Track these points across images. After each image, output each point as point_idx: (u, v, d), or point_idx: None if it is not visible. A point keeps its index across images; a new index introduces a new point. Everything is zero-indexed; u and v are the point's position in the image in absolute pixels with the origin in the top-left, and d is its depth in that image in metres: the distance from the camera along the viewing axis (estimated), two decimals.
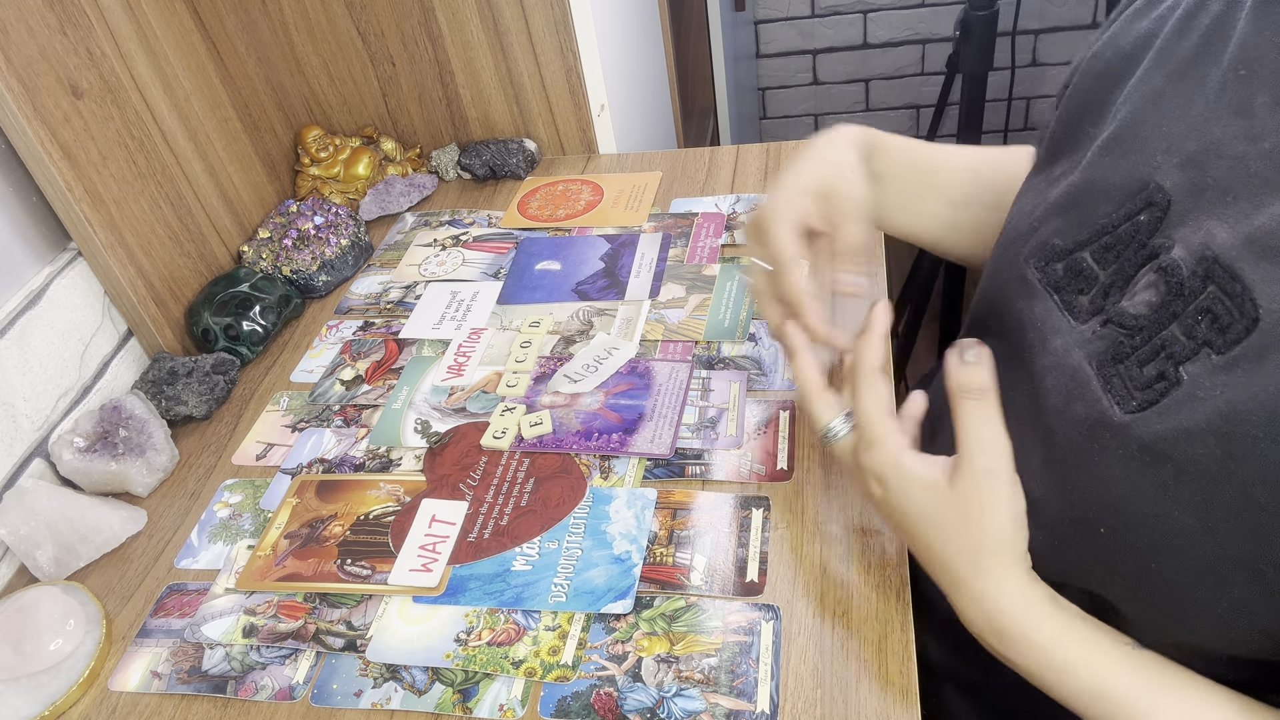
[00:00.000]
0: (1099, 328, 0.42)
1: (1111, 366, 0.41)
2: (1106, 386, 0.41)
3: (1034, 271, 0.48)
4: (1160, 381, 0.38)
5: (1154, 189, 0.42)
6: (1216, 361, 0.36)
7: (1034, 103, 2.23)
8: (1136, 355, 0.40)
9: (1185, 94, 0.42)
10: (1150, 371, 0.39)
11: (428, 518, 0.60)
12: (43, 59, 0.65)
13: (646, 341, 0.71)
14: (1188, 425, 0.37)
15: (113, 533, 0.62)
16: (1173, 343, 0.38)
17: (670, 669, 0.49)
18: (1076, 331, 0.44)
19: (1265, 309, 0.35)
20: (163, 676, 0.54)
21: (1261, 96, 0.38)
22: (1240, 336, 0.36)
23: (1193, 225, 0.39)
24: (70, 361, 0.70)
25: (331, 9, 0.90)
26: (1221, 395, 0.36)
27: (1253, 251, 0.36)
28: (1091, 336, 0.43)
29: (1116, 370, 0.40)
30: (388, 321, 0.78)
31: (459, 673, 0.51)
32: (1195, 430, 0.36)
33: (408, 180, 0.94)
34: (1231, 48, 0.40)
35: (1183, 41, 0.43)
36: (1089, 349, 0.42)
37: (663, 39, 1.28)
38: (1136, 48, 0.47)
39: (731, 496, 0.58)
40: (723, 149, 0.93)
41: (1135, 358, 0.40)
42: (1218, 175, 0.39)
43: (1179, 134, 0.41)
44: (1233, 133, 0.38)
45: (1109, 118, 0.47)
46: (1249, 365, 0.35)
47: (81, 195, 0.68)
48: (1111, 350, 0.41)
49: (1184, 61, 0.43)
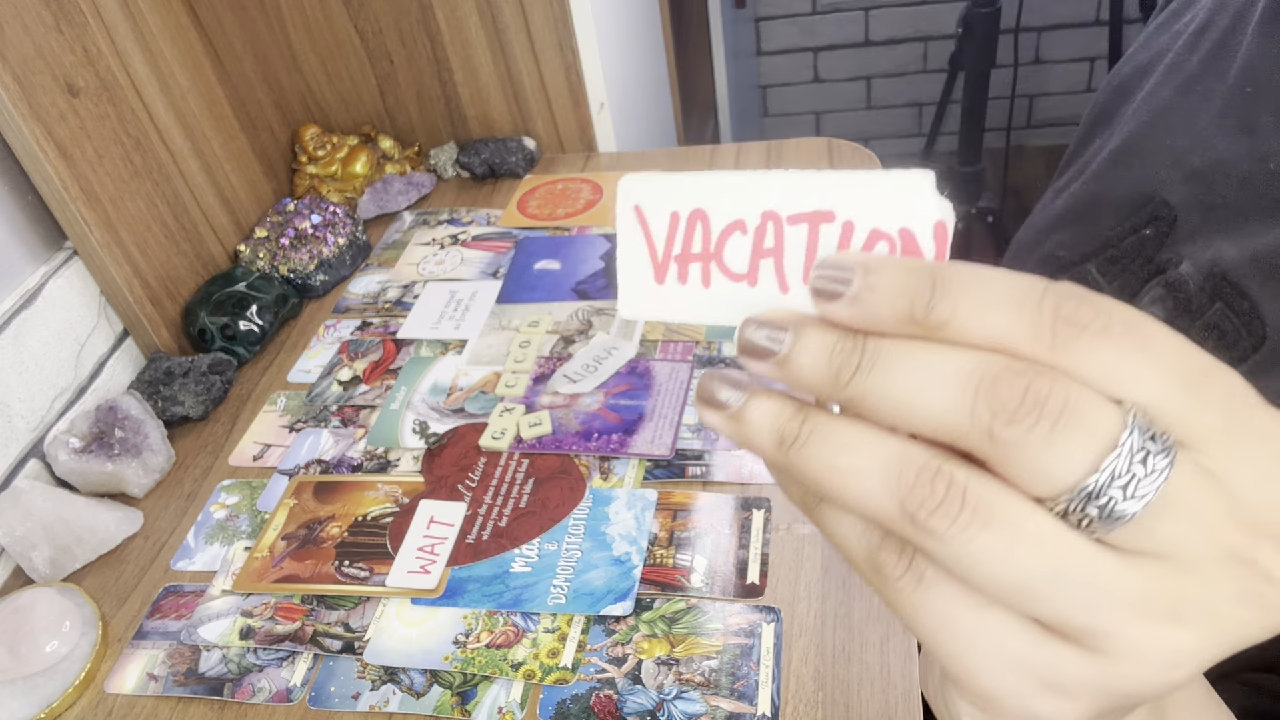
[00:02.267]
0: None
1: None
2: None
3: None
4: None
5: (1159, 203, 0.42)
6: None
7: (1037, 100, 2.22)
8: None
9: (1191, 109, 0.42)
10: None
11: (426, 519, 0.59)
12: (38, 57, 0.65)
13: (646, 341, 0.70)
14: None
15: (109, 534, 0.62)
16: None
17: (670, 671, 0.49)
18: None
19: (1272, 326, 0.35)
20: (159, 679, 0.53)
21: (1266, 115, 0.38)
22: (1247, 354, 0.35)
23: (1201, 242, 0.39)
24: (66, 361, 0.69)
25: (329, 6, 0.90)
26: None
27: (1260, 270, 0.36)
28: None
29: None
30: (385, 321, 0.78)
31: (457, 675, 0.51)
32: None
33: (406, 179, 0.93)
34: (1237, 64, 0.40)
35: (1191, 56, 0.43)
36: None
37: (663, 36, 1.28)
38: (1151, 61, 0.47)
39: (732, 498, 0.58)
40: (723, 147, 0.93)
41: None
42: (1226, 194, 0.39)
43: (1184, 148, 0.41)
44: (1239, 151, 0.38)
45: (1118, 130, 0.47)
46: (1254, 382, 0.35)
47: (77, 194, 0.67)
48: None
49: (1191, 76, 0.43)
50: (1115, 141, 0.46)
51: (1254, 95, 0.38)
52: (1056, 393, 0.18)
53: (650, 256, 0.23)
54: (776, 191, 0.22)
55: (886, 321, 0.20)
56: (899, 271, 0.20)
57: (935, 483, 0.19)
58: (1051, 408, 0.18)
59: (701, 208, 0.22)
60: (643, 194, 0.23)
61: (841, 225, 0.21)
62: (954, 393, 0.19)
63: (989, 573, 0.19)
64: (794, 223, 0.22)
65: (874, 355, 0.20)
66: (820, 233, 0.21)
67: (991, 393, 0.19)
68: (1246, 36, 0.40)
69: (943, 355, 0.19)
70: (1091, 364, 0.19)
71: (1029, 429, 0.18)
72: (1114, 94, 0.49)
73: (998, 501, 0.19)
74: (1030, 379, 0.19)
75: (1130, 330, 0.19)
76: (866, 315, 0.20)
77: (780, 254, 0.22)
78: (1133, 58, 0.49)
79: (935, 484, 0.19)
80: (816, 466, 0.21)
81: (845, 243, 0.21)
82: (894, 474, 0.20)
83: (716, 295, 0.23)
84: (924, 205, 0.20)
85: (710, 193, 0.22)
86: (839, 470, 0.20)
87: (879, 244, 0.21)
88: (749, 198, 0.22)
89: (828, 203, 0.21)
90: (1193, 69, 0.43)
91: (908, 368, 0.20)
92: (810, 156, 0.88)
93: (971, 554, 0.19)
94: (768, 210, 0.22)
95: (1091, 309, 0.19)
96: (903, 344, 0.20)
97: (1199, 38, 0.43)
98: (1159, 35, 0.48)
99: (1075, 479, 0.19)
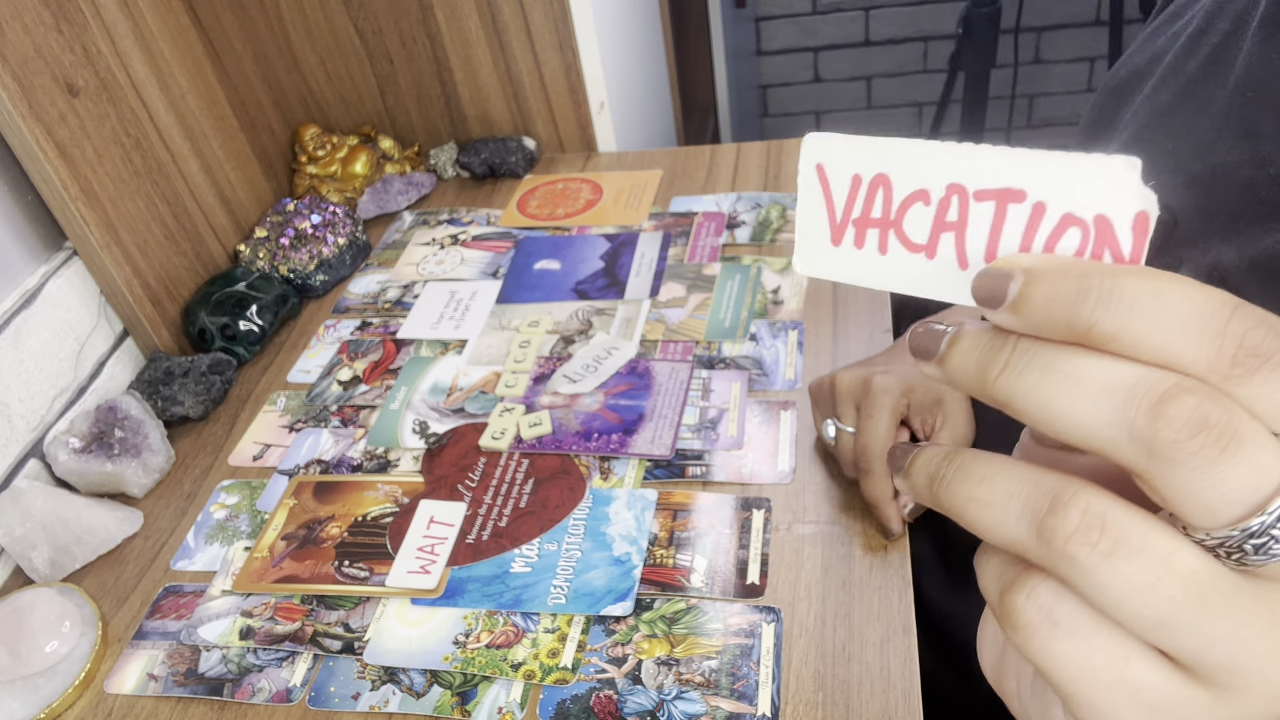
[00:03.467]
0: None
1: None
2: None
3: None
4: None
5: (1160, 207, 0.42)
6: None
7: (1037, 100, 2.22)
8: None
9: (1191, 113, 0.42)
10: None
11: (426, 519, 0.59)
12: (38, 56, 0.65)
13: (646, 341, 0.70)
14: None
15: (108, 534, 0.62)
16: None
17: (670, 671, 0.49)
18: None
19: None
20: (159, 679, 0.53)
21: (1267, 121, 0.38)
22: None
23: (1200, 246, 0.39)
24: (66, 361, 0.69)
25: (329, 6, 0.90)
26: None
27: (1258, 275, 0.36)
28: None
29: None
30: (385, 321, 0.78)
31: (457, 675, 0.51)
32: None
33: (406, 179, 0.93)
34: (1238, 69, 0.40)
35: (1190, 60, 0.43)
36: None
37: (663, 36, 1.28)
38: (1149, 64, 0.47)
39: (732, 498, 0.58)
40: (723, 147, 0.93)
41: None
42: (1226, 198, 0.39)
43: (1185, 153, 0.41)
44: (1239, 156, 0.38)
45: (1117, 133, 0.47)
46: None
47: (77, 194, 0.67)
48: None
49: (1191, 80, 0.43)
50: (1114, 144, 0.46)
51: (1254, 100, 0.39)
52: (1230, 420, 0.18)
53: (829, 217, 0.23)
54: (967, 163, 0.21)
55: (1048, 330, 0.19)
56: (1063, 278, 0.19)
57: (1069, 508, 0.19)
58: (1222, 434, 0.18)
59: (885, 173, 0.22)
60: (827, 153, 0.22)
61: (1032, 206, 0.20)
62: (1112, 404, 0.18)
63: (1132, 605, 0.19)
64: (981, 199, 0.21)
65: (1024, 356, 0.19)
66: (1008, 211, 0.20)
67: (1157, 408, 0.18)
68: (1246, 41, 0.40)
69: (1104, 365, 0.19)
70: (1270, 399, 0.18)
71: (1194, 452, 0.18)
72: (1111, 96, 0.49)
73: (1139, 531, 0.18)
74: (1202, 399, 0.18)
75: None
76: (1026, 324, 0.19)
77: (963, 229, 0.21)
78: (1130, 60, 0.49)
79: (1069, 509, 0.19)
80: (958, 502, 0.21)
81: (1034, 225, 0.20)
82: (1030, 501, 0.19)
83: (892, 263, 0.22)
84: (1126, 193, 0.19)
85: (896, 158, 0.22)
86: (977, 501, 0.20)
87: (1070, 230, 0.20)
88: (936, 167, 0.21)
89: (1020, 181, 0.20)
90: (1192, 73, 0.43)
91: (1062, 372, 0.19)
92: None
93: (1115, 584, 0.19)
94: (954, 183, 0.21)
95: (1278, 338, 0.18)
96: (1060, 348, 0.19)
97: (1197, 41, 0.43)
98: (1156, 38, 0.48)
99: (1238, 514, 0.18)
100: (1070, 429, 0.19)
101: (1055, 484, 0.19)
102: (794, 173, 0.85)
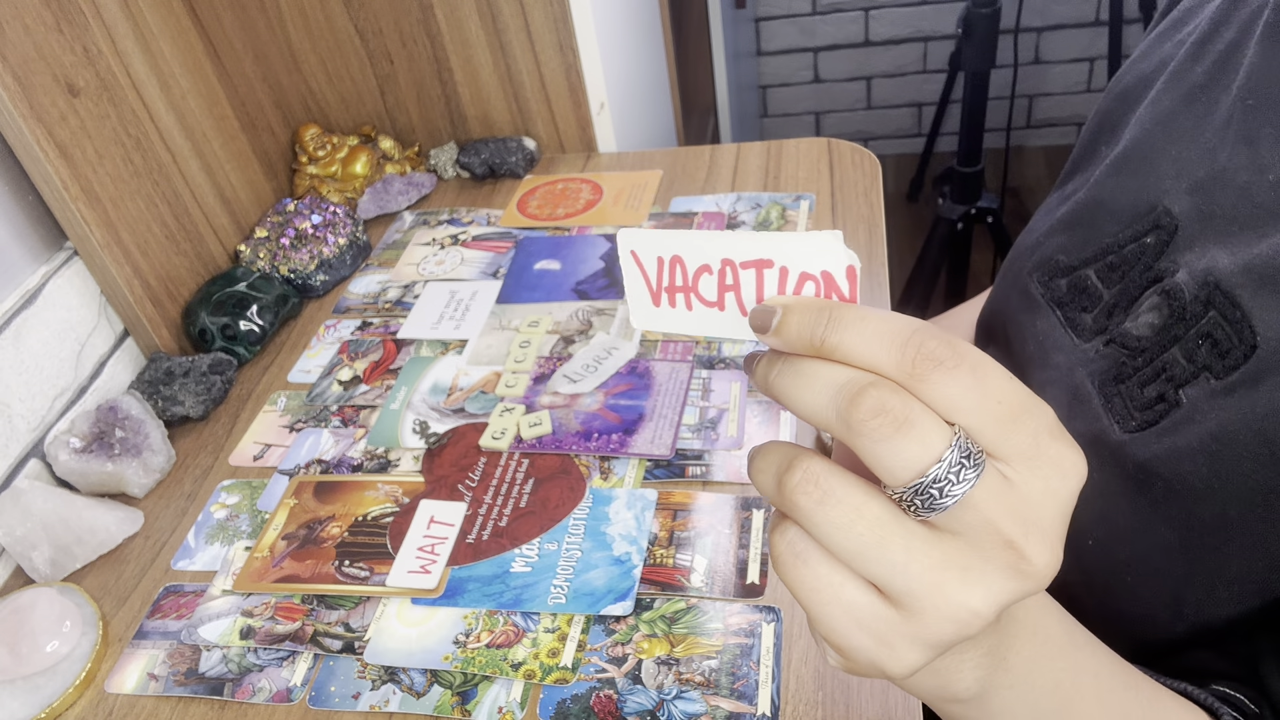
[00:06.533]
0: (1102, 347, 0.43)
1: (1113, 386, 0.41)
2: (1107, 405, 0.41)
3: (1037, 286, 0.48)
4: (1160, 403, 0.39)
5: (1162, 212, 0.42)
6: (1215, 386, 0.37)
7: (1036, 100, 2.22)
8: (1138, 376, 0.40)
9: (1196, 119, 0.42)
10: (1151, 393, 0.39)
11: (426, 519, 0.59)
12: (39, 57, 0.65)
13: (646, 341, 0.70)
14: (1181, 445, 0.37)
15: (109, 534, 0.62)
16: (1173, 365, 0.39)
17: (670, 671, 0.49)
18: (1080, 350, 0.44)
19: (1263, 336, 0.35)
20: (160, 678, 0.54)
21: (1267, 128, 0.38)
22: (1238, 362, 0.36)
23: (1198, 251, 0.40)
24: (66, 361, 0.69)
25: (329, 6, 0.90)
26: (1215, 418, 0.36)
27: (1251, 279, 0.36)
28: (1095, 356, 0.43)
29: (1118, 390, 0.41)
30: (386, 321, 0.78)
31: (457, 675, 0.51)
32: (1188, 450, 0.37)
33: (406, 179, 0.93)
34: (1241, 76, 0.40)
35: (1195, 66, 0.44)
36: (1091, 368, 0.43)
37: (663, 36, 1.28)
38: (1155, 70, 0.47)
39: (732, 497, 0.58)
40: (723, 147, 0.93)
41: (1137, 379, 0.40)
42: (1224, 203, 0.39)
43: (1189, 159, 0.42)
44: (1240, 162, 0.39)
45: (1121, 137, 0.47)
46: (1244, 390, 0.35)
47: (78, 194, 0.67)
48: (1114, 370, 0.42)
49: (1196, 87, 0.43)
50: (1118, 149, 0.46)
51: (1256, 108, 0.39)
52: (903, 408, 0.24)
53: (647, 287, 0.31)
54: (731, 245, 0.29)
55: (797, 346, 0.27)
56: (805, 311, 0.27)
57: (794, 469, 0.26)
58: (896, 418, 0.24)
59: (679, 254, 0.30)
60: (637, 243, 0.31)
61: (780, 269, 0.28)
62: (828, 395, 0.26)
63: (835, 540, 0.26)
64: (745, 267, 0.29)
65: (786, 365, 0.27)
66: (765, 274, 0.29)
67: (855, 398, 0.25)
68: (1250, 49, 0.40)
69: (829, 369, 0.26)
70: (937, 392, 0.25)
71: (875, 428, 0.24)
72: (1117, 101, 0.49)
73: (841, 486, 0.26)
74: (885, 392, 0.25)
75: (973, 370, 0.24)
76: (784, 342, 0.27)
77: (738, 289, 0.29)
78: (1135, 65, 0.49)
79: (794, 469, 0.26)
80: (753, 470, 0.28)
81: (783, 281, 0.29)
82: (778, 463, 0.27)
83: (697, 316, 0.31)
84: (836, 255, 0.27)
85: (684, 244, 0.30)
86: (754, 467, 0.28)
87: (807, 282, 0.28)
88: (712, 249, 0.29)
89: (769, 254, 0.28)
90: (1197, 79, 0.43)
91: (804, 374, 0.27)
92: (810, 156, 0.88)
93: (824, 524, 0.26)
94: (725, 258, 0.29)
95: (949, 349, 0.24)
96: (806, 359, 0.27)
97: (1202, 48, 0.44)
98: (1161, 44, 0.48)
99: (909, 477, 0.25)
100: (808, 414, 0.26)
101: (791, 452, 0.27)
102: (794, 174, 0.86)
